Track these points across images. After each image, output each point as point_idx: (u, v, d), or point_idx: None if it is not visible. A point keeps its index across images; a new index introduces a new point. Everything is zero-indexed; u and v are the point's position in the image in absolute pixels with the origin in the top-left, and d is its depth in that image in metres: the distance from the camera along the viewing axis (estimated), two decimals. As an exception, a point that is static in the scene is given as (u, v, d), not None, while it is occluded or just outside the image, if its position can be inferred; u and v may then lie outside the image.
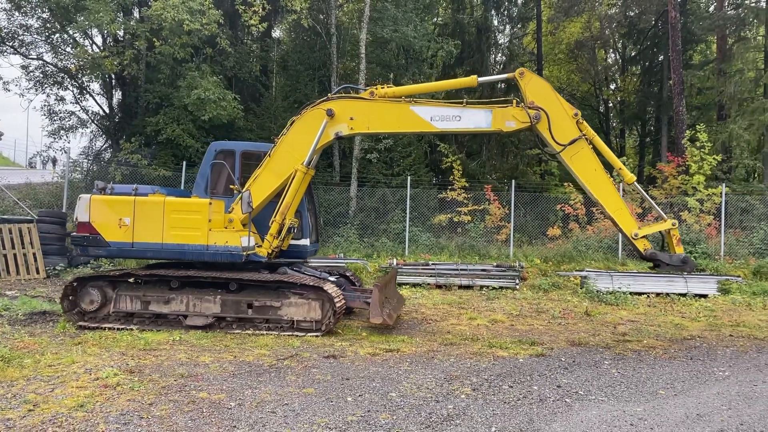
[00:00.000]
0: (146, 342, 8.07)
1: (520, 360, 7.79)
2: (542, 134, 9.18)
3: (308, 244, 10.26)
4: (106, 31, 19.71)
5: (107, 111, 22.90)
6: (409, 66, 24.90)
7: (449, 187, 19.86)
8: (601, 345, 8.86)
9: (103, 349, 7.64)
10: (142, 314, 9.19)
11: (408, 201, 18.23)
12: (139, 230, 8.85)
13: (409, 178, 18.81)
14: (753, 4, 26.38)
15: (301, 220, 10.05)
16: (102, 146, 22.94)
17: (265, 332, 8.81)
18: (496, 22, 31.47)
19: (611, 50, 35.62)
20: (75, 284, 9.23)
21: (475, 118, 9.23)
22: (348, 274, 10.99)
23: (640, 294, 13.89)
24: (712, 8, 30.26)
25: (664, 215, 9.51)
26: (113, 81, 22.75)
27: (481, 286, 14.41)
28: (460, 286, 14.45)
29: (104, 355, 7.35)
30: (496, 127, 9.20)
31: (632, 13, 30.68)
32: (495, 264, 15.49)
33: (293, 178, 9.19)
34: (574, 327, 10.35)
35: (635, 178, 9.70)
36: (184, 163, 17.58)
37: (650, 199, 10.04)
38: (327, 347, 8.12)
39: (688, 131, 21.67)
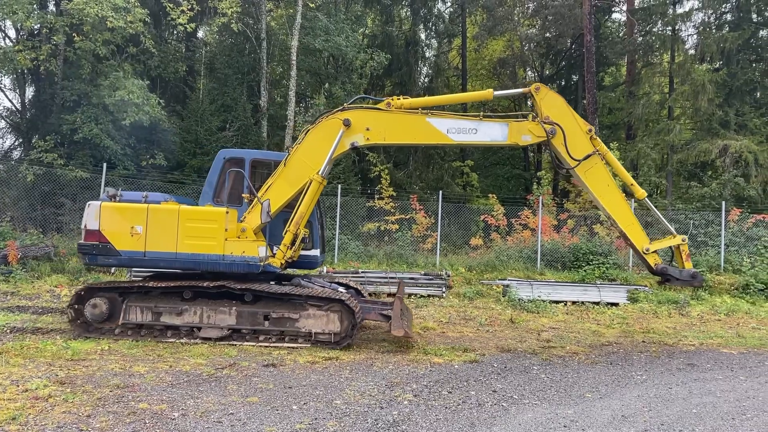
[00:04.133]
0: (74, 352, 7.74)
1: (455, 366, 8.07)
2: (557, 149, 9.29)
3: (318, 254, 10.10)
4: (20, 24, 18.63)
5: (19, 107, 21.58)
6: (339, 75, 25.04)
7: (377, 196, 20.11)
8: (528, 351, 9.30)
9: (27, 360, 7.27)
10: (152, 326, 8.84)
11: (338, 209, 18.31)
12: (152, 239, 8.54)
13: (339, 186, 18.91)
14: (660, 32, 28.39)
15: (312, 230, 9.88)
16: (12, 144, 21.59)
17: (285, 344, 8.66)
18: (423, 36, 32.22)
19: (530, 69, 37.20)
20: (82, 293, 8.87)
21: (491, 132, 9.28)
22: (356, 286, 10.81)
23: (557, 302, 14.62)
24: (622, 34, 32.29)
25: (673, 230, 9.65)
26: (27, 76, 21.47)
27: (410, 294, 14.68)
28: (390, 294, 14.66)
29: (29, 365, 7.00)
30: (512, 140, 9.28)
31: (550, 35, 32.22)
32: (423, 272, 15.83)
33: (308, 188, 9.03)
34: (501, 334, 10.79)
35: (646, 194, 9.82)
36: (105, 165, 16.84)
37: (659, 215, 10.07)
38: (265, 356, 8.09)
39: (600, 149, 22.97)
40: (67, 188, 17.80)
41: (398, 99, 9.50)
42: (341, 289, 9.73)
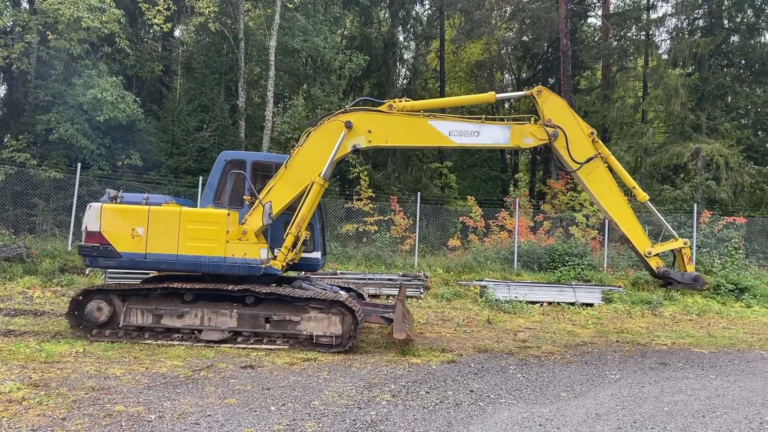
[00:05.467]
0: (48, 354, 7.64)
1: (433, 366, 8.13)
2: (559, 152, 9.29)
3: (319, 256, 10.03)
4: (-8, 21, 18.33)
5: (-10, 106, 21.20)
6: (318, 76, 25.01)
7: (356, 198, 20.13)
8: (505, 351, 9.41)
9: (0, 363, 7.14)
10: (153, 328, 8.77)
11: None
12: (153, 241, 8.47)
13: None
14: (634, 37, 28.87)
15: (313, 232, 9.81)
16: (-17, 143, 21.13)
17: (284, 347, 8.63)
18: (402, 39, 32.30)
19: (507, 72, 37.53)
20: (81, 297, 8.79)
21: (493, 134, 9.30)
22: (357, 288, 10.79)
23: (534, 303, 14.79)
24: (598, 38, 32.77)
25: (675, 234, 9.65)
26: (-2, 74, 21.12)
27: (388, 295, 14.74)
28: (368, 295, 14.69)
29: (2, 368, 6.88)
30: (514, 143, 9.31)
31: (527, 39, 32.54)
32: (401, 273, 15.90)
33: (309, 190, 8.96)
34: (478, 334, 10.89)
35: (648, 197, 9.81)
36: (79, 165, 16.61)
37: (662, 218, 10.04)
38: (243, 357, 8.06)
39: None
40: (40, 188, 17.53)
41: (400, 101, 9.46)
42: (341, 291, 9.70)
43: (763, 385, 7.78)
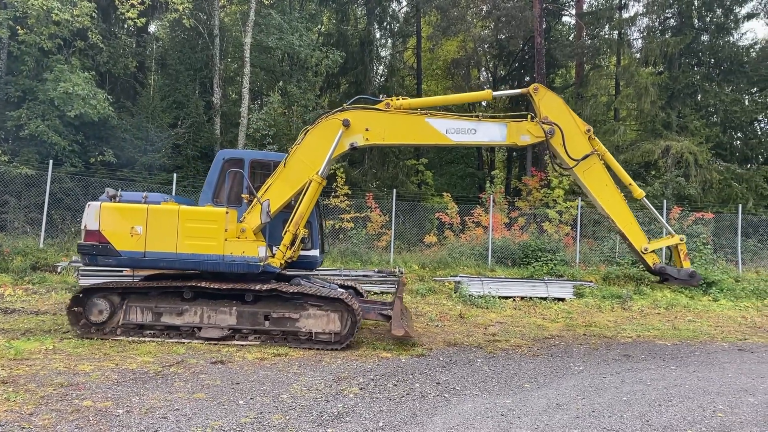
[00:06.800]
0: (17, 351, 7.62)
1: (403, 360, 8.28)
2: (556, 149, 9.37)
3: (318, 254, 10.08)
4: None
5: (-41, 102, 20.79)
6: (294, 73, 25.01)
7: (332, 194, 20.21)
8: (474, 345, 9.60)
9: (-33, 361, 7.13)
10: (153, 326, 8.81)
11: (292, 207, 18.29)
12: (152, 239, 8.49)
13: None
14: (606, 36, 29.31)
15: (311, 230, 9.86)
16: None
17: (282, 345, 8.71)
18: (378, 36, 32.39)
19: (483, 69, 37.84)
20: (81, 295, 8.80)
21: (490, 132, 9.36)
22: (355, 286, 10.84)
23: (507, 298, 15.01)
24: (572, 37, 33.20)
25: (672, 230, 9.77)
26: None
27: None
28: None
29: (-31, 366, 6.88)
30: (511, 140, 9.39)
31: (502, 37, 32.85)
32: (376, 270, 16.01)
33: (307, 188, 9.01)
34: (449, 329, 11.06)
35: (644, 193, 9.87)
36: (51, 162, 16.44)
37: (658, 215, 10.18)
38: (214, 353, 8.13)
39: (550, 149, 23.63)
40: (11, 185, 17.31)
41: (397, 99, 9.54)
42: (340, 289, 9.77)
43: (720, 375, 8.07)
